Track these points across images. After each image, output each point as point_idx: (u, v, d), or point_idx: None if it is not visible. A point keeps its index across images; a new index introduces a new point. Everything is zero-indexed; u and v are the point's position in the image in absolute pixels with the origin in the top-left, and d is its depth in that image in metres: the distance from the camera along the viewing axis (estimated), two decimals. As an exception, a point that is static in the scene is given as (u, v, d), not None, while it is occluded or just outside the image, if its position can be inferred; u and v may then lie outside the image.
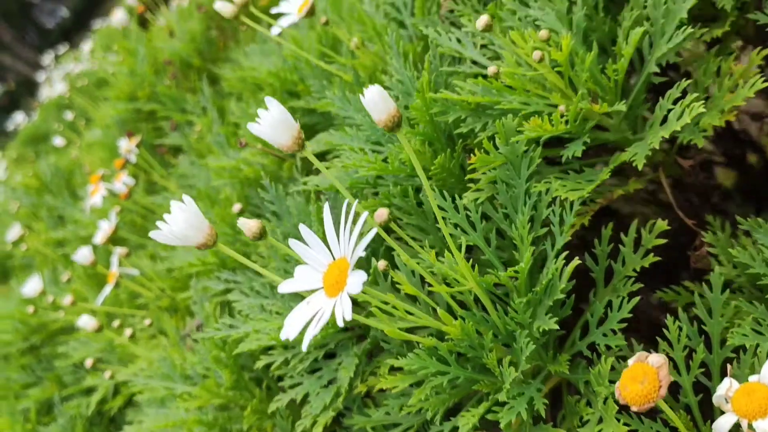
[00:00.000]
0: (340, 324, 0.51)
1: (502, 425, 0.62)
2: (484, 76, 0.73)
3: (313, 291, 0.57)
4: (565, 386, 0.72)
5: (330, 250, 0.57)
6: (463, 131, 0.75)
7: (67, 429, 1.51)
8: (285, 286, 0.59)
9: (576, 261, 0.63)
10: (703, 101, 0.59)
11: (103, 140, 1.86)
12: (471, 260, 0.74)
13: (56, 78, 4.08)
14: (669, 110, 0.64)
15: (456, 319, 0.66)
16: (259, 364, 0.84)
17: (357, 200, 0.73)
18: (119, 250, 1.26)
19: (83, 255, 1.24)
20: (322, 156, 1.00)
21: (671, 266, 0.83)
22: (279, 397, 0.83)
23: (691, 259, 0.79)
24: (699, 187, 0.84)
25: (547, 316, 0.64)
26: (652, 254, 0.67)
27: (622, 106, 0.65)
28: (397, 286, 0.71)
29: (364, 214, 0.54)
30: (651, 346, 0.66)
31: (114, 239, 1.49)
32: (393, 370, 0.72)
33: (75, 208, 1.86)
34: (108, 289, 1.26)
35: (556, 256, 0.67)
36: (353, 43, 0.96)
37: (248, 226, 0.62)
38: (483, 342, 0.66)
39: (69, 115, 2.43)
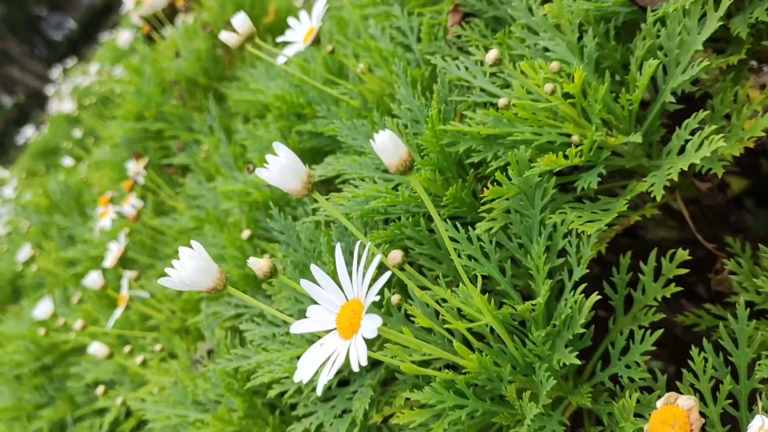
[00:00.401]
0: (356, 369, 0.50)
1: (522, 464, 0.61)
2: (495, 106, 0.72)
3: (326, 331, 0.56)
4: (587, 414, 0.71)
5: (343, 291, 0.56)
6: (474, 160, 0.74)
7: (80, 450, 1.51)
8: (298, 327, 0.58)
9: (595, 297, 0.62)
10: (722, 135, 0.58)
11: (112, 159, 1.86)
12: (485, 291, 0.73)
13: (65, 91, 4.10)
14: (686, 140, 0.63)
15: (473, 351, 0.66)
16: (272, 393, 0.83)
17: (369, 241, 0.72)
18: (129, 274, 1.25)
19: (93, 280, 1.24)
20: (330, 181, 0.99)
21: (689, 282, 0.82)
22: (293, 426, 0.82)
23: (712, 282, 0.78)
24: (716, 208, 0.83)
25: (567, 349, 0.63)
26: (673, 284, 0.66)
27: (638, 138, 0.64)
28: (411, 318, 0.70)
29: (377, 258, 0.53)
30: (672, 363, 0.65)
31: (124, 260, 1.49)
32: (408, 400, 0.72)
33: (85, 228, 1.86)
34: (119, 312, 1.25)
35: (574, 288, 0.66)
36: (360, 69, 0.95)
37: (258, 266, 0.61)
38: (501, 374, 0.65)
39: (77, 133, 2.44)
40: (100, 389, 1.19)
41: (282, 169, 0.55)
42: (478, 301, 0.62)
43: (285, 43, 0.95)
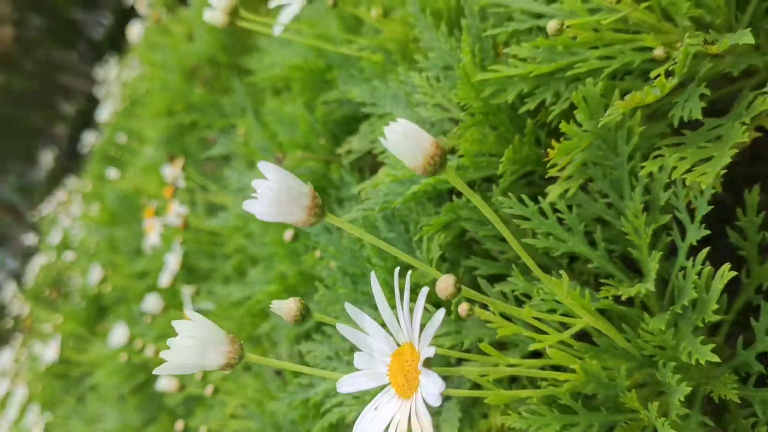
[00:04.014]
0: (421, 448, 0.37)
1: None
2: (544, 32, 0.55)
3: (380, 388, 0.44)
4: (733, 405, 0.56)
5: (391, 334, 0.43)
6: (530, 107, 0.58)
7: (190, 463, 1.48)
8: (346, 386, 0.45)
9: (728, 273, 0.46)
10: None
11: (154, 163, 1.78)
12: (573, 273, 0.58)
13: (114, 91, 4.07)
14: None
15: (573, 354, 0.51)
16: (350, 420, 0.72)
17: (421, 234, 0.59)
18: (187, 291, 1.16)
19: (152, 303, 1.16)
20: (370, 154, 0.85)
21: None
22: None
23: None
24: None
25: (698, 339, 0.48)
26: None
27: (747, 36, 0.46)
28: (488, 326, 0.56)
29: (424, 291, 0.39)
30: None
31: (186, 268, 1.42)
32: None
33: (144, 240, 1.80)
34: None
35: (691, 254, 0.50)
36: (374, 15, 0.79)
37: (286, 309, 0.48)
38: (615, 376, 0.51)
39: (122, 138, 2.38)
40: (180, 425, 1.12)
41: (274, 198, 0.41)
42: (569, 302, 0.47)
43: (280, 8, 0.80)
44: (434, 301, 0.58)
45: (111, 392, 1.84)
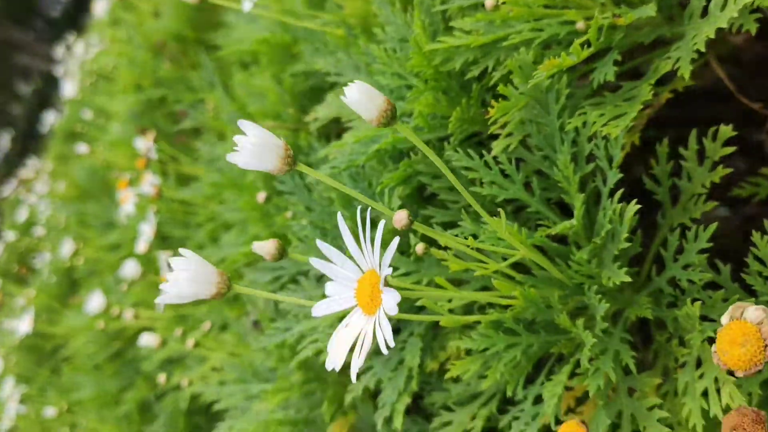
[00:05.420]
0: (385, 351, 0.46)
1: (591, 392, 0.56)
2: (484, 7, 0.63)
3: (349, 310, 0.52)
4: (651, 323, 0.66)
5: (356, 263, 0.51)
6: (475, 74, 0.66)
7: (169, 424, 1.55)
8: (319, 310, 0.53)
9: (634, 206, 0.55)
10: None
11: (123, 137, 1.82)
12: (517, 214, 0.67)
13: (73, 69, 4.04)
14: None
15: (515, 284, 0.60)
16: (323, 358, 0.80)
17: (382, 186, 0.66)
18: (164, 255, 1.23)
19: (130, 269, 1.22)
20: (336, 122, 0.93)
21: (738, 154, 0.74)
22: (351, 386, 0.80)
23: (766, 144, 0.70)
24: (758, 60, 0.73)
25: (615, 264, 0.57)
26: (721, 166, 0.58)
27: (651, 10, 0.54)
28: (442, 263, 0.65)
29: (382, 222, 0.47)
30: (737, 258, 0.58)
31: (160, 237, 1.48)
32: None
33: (118, 211, 1.85)
34: (165, 294, 1.24)
35: (610, 195, 0.59)
36: (335, -8, 0.86)
37: (266, 249, 0.56)
38: (550, 302, 0.60)
39: (87, 113, 2.40)
40: (162, 378, 1.19)
41: (253, 150, 0.49)
42: (507, 236, 0.56)
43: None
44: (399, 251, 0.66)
45: (86, 362, 1.89)
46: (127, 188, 1.42)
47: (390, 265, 0.47)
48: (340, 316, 0.77)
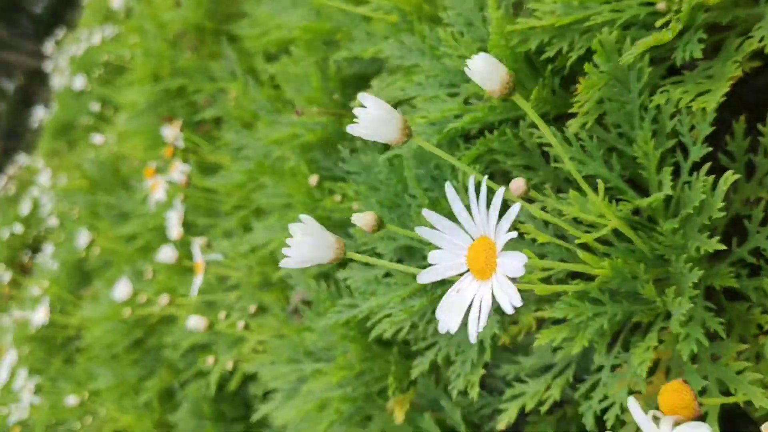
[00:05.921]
0: (510, 311, 0.48)
1: (684, 358, 0.58)
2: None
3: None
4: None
5: (466, 231, 0.53)
6: (549, 55, 0.68)
7: (195, 411, 1.55)
8: (426, 276, 0.55)
9: (732, 176, 0.58)
10: None
11: (140, 128, 1.82)
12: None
13: (63, 65, 4.01)
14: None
15: (598, 256, 0.63)
16: (388, 333, 0.82)
17: (459, 163, 0.68)
18: (199, 240, 1.24)
19: (167, 254, 1.23)
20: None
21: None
22: (417, 361, 0.82)
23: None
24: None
25: (703, 234, 0.59)
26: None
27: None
28: (525, 236, 0.67)
29: (501, 189, 0.49)
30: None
31: (185, 225, 1.48)
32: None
33: (134, 201, 1.85)
34: (199, 280, 1.25)
35: (692, 170, 0.61)
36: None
37: (365, 220, 0.58)
38: (636, 273, 0.62)
39: (95, 106, 2.39)
40: (211, 360, 1.20)
41: (374, 122, 0.51)
42: (601, 205, 0.58)
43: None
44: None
45: (103, 352, 1.89)
46: (154, 177, 1.42)
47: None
48: (410, 293, 0.80)
